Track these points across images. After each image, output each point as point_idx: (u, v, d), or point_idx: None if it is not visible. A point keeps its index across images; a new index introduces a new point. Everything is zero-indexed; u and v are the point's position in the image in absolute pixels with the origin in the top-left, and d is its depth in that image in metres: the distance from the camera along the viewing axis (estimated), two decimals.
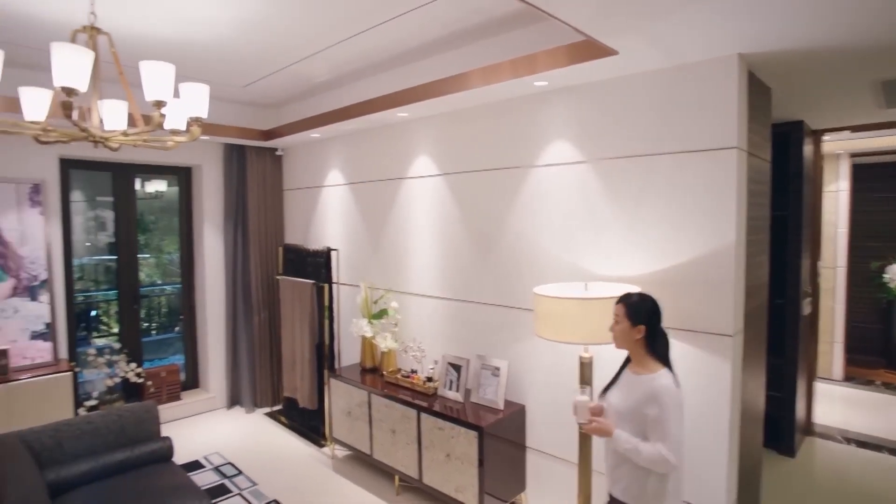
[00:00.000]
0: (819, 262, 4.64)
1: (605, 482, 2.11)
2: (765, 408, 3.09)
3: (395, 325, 3.90)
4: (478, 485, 2.92)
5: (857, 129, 4.18)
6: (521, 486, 3.22)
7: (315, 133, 4.40)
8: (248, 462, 4.00)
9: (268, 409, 5.07)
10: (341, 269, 4.56)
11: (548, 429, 3.08)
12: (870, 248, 5.71)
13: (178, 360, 5.21)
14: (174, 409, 4.78)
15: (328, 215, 4.75)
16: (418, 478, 3.28)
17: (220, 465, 3.94)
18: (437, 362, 3.59)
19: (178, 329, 5.28)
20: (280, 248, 4.89)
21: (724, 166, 2.37)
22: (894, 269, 5.56)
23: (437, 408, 3.21)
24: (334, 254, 4.37)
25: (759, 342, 2.87)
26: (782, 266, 3.85)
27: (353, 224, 4.46)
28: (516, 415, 3.15)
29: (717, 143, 2.38)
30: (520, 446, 3.19)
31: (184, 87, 2.20)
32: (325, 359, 4.28)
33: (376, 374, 3.87)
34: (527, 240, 3.15)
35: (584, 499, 2.48)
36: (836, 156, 5.55)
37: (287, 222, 5.33)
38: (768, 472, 3.43)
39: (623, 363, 2.11)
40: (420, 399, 3.34)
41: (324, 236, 4.79)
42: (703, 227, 2.43)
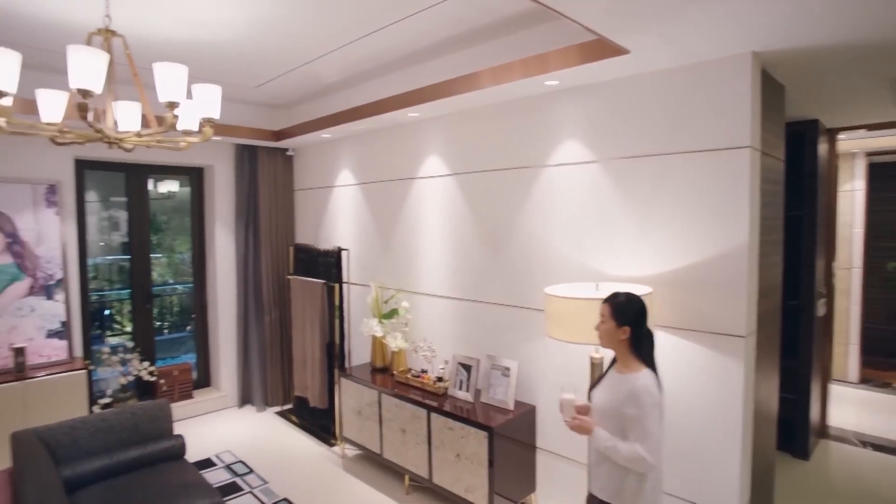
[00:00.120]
0: (834, 263, 4.58)
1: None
2: (778, 410, 3.05)
3: (406, 324, 3.90)
4: (488, 485, 2.92)
5: (872, 127, 4.12)
6: (531, 486, 3.21)
7: (326, 133, 4.42)
8: (259, 460, 4.02)
9: (278, 408, 5.10)
10: (352, 269, 4.57)
11: (558, 430, 3.07)
12: (886, 248, 5.62)
13: (190, 358, 5.26)
14: (186, 408, 4.83)
15: (339, 215, 4.77)
16: (428, 477, 3.28)
17: (232, 464, 3.97)
18: (447, 362, 3.59)
19: (189, 328, 5.33)
20: (291, 248, 4.92)
21: (737, 166, 2.34)
22: None
23: (448, 408, 3.21)
24: (345, 253, 4.39)
25: (772, 343, 2.84)
26: (796, 267, 3.81)
27: (364, 224, 4.47)
28: (526, 415, 3.14)
29: (730, 142, 2.36)
30: (530, 447, 3.18)
31: (196, 88, 2.22)
32: (335, 358, 4.30)
33: (386, 374, 3.88)
34: (537, 240, 3.14)
35: None
36: (852, 155, 5.47)
37: (298, 222, 5.36)
38: (782, 475, 3.39)
39: (610, 362, 2.12)
40: (430, 399, 3.35)
41: (334, 236, 4.81)
42: (715, 227, 2.41)
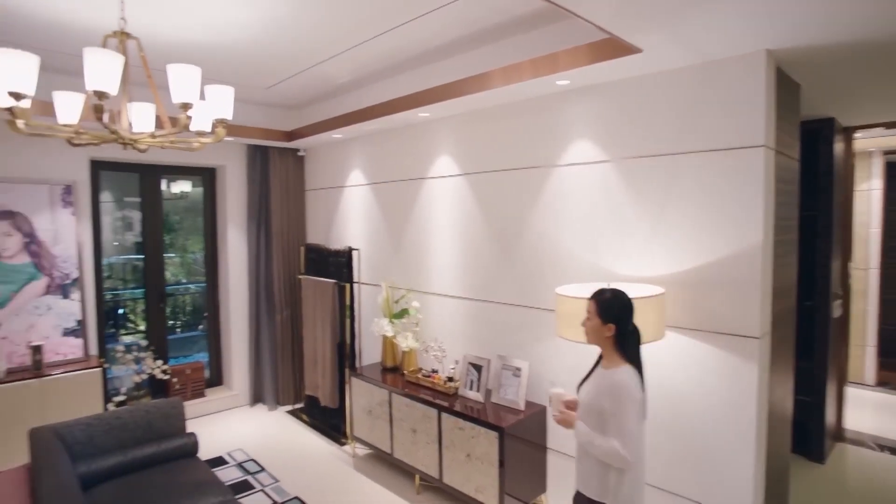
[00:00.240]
0: (850, 264, 4.51)
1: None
2: (793, 412, 3.01)
3: (416, 324, 3.91)
4: (498, 485, 2.91)
5: (890, 125, 4.05)
6: (541, 487, 3.20)
7: (337, 134, 4.44)
8: (271, 459, 4.05)
9: (290, 407, 5.13)
10: (362, 269, 4.59)
11: (569, 430, 3.05)
12: None
13: (203, 357, 5.31)
14: (198, 406, 4.87)
15: (350, 215, 4.79)
16: (438, 477, 3.28)
17: (244, 462, 4.00)
18: (457, 362, 3.59)
19: (202, 327, 5.38)
20: (302, 248, 4.95)
21: (751, 165, 2.32)
22: None
23: (458, 408, 3.21)
24: (356, 253, 4.41)
25: (787, 345, 2.80)
26: (811, 267, 3.76)
27: (375, 224, 4.49)
28: (537, 416, 3.13)
29: (743, 141, 2.33)
30: (541, 447, 3.17)
31: (209, 89, 2.24)
32: (346, 357, 4.31)
33: (397, 374, 3.89)
34: (549, 240, 3.13)
35: None
36: (869, 153, 5.39)
37: (309, 222, 5.39)
38: (797, 479, 3.35)
39: (597, 358, 2.12)
40: (441, 399, 3.35)
41: (345, 236, 4.83)
42: (729, 227, 2.39)
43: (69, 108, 2.20)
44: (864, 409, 4.84)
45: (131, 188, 4.80)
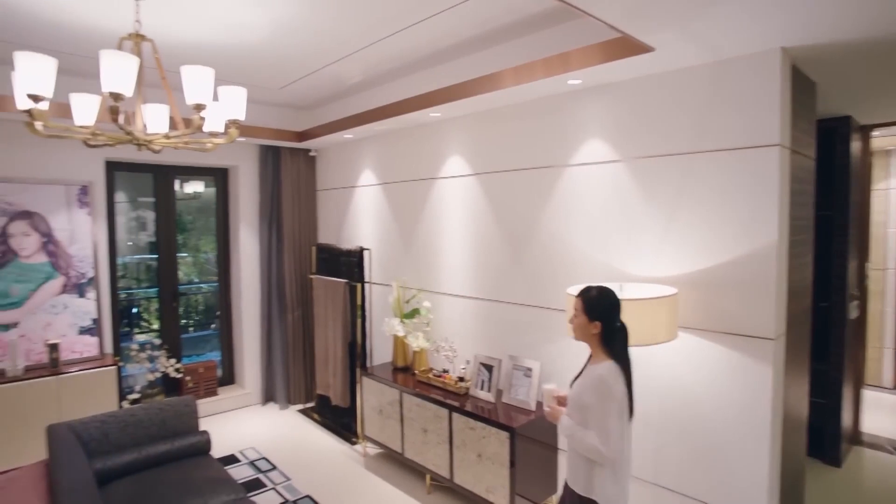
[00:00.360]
0: (867, 264, 4.44)
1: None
2: (808, 415, 2.97)
3: (427, 324, 3.91)
4: (509, 486, 2.91)
5: None
6: (552, 488, 3.19)
7: (348, 134, 4.46)
8: (283, 457, 4.08)
9: (301, 406, 5.16)
10: (374, 269, 4.60)
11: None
12: None
13: (215, 356, 5.36)
14: (211, 405, 4.92)
15: (361, 215, 4.81)
16: (449, 477, 3.28)
17: (256, 460, 4.03)
18: (468, 362, 3.58)
19: (214, 326, 5.43)
20: (313, 248, 4.98)
21: (765, 164, 2.29)
22: None
23: (469, 408, 3.20)
24: (367, 253, 4.42)
25: (802, 346, 2.76)
26: (827, 268, 3.70)
27: (386, 224, 4.50)
28: None
29: (758, 140, 2.31)
30: (552, 448, 3.16)
31: (222, 90, 2.26)
32: (357, 357, 4.33)
33: (408, 373, 3.90)
34: (560, 240, 3.12)
35: None
36: (886, 152, 5.30)
37: (320, 222, 5.41)
38: (812, 483, 3.31)
39: (589, 355, 2.13)
40: (451, 399, 3.35)
41: (356, 236, 4.85)
42: (743, 227, 2.36)
43: (85, 109, 2.23)
44: (882, 412, 4.75)
45: (145, 188, 4.86)
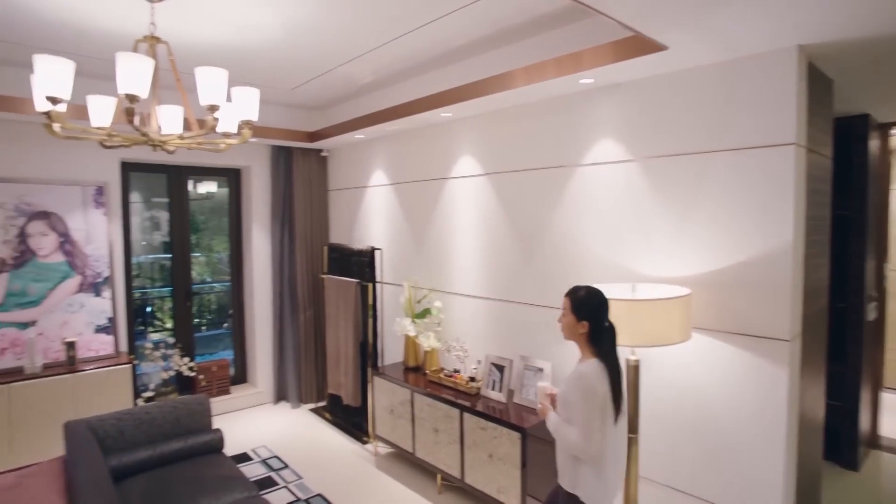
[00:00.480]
0: (886, 265, 4.36)
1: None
2: (825, 418, 2.93)
3: (439, 324, 3.91)
4: (520, 486, 2.90)
5: None
6: None
7: (359, 134, 4.47)
8: (294, 456, 4.10)
9: (313, 405, 5.18)
10: (385, 269, 4.61)
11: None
12: None
13: (228, 355, 5.40)
14: (223, 403, 4.96)
15: (372, 215, 4.82)
16: (460, 477, 3.28)
17: (268, 458, 4.06)
18: (480, 362, 3.58)
19: (227, 325, 5.48)
20: (325, 248, 5.00)
21: (781, 163, 2.26)
22: None
23: (480, 408, 3.20)
24: (378, 253, 4.43)
25: (818, 348, 2.73)
26: (844, 268, 3.65)
27: (397, 224, 4.51)
28: None
29: (773, 139, 2.28)
30: None
31: (235, 91, 2.28)
32: (368, 357, 4.34)
33: (419, 373, 3.90)
34: (572, 240, 3.10)
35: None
36: None
37: (332, 222, 5.44)
38: (829, 486, 3.26)
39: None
40: (463, 399, 3.34)
41: (368, 236, 4.86)
42: (758, 227, 2.33)
43: (102, 111, 2.27)
44: None
45: (159, 189, 4.91)
